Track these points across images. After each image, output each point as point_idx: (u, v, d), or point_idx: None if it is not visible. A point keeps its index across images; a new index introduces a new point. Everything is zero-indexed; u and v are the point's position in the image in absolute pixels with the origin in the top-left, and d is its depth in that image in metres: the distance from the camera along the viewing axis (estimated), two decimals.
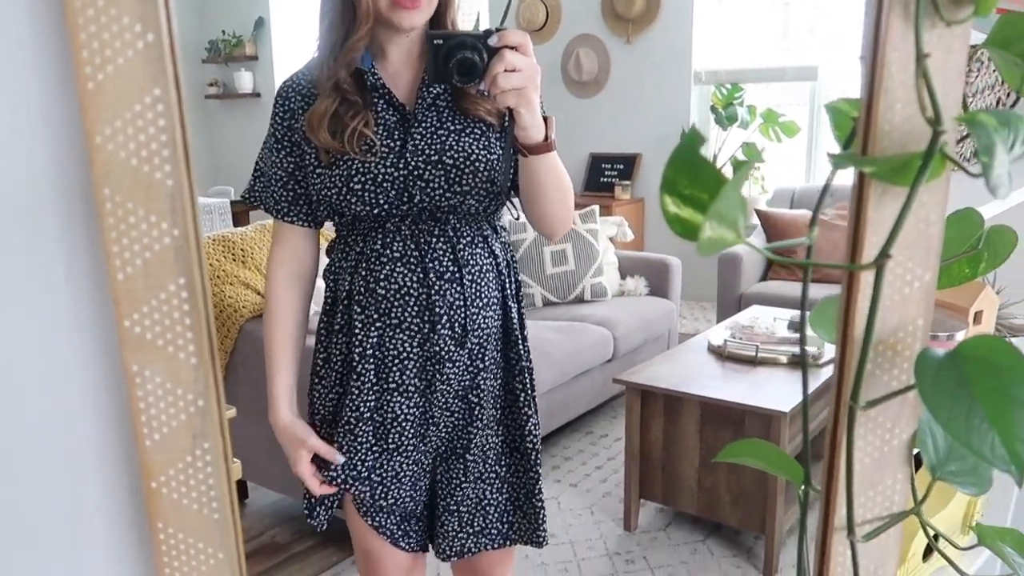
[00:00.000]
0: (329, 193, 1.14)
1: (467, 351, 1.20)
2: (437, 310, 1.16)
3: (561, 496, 2.75)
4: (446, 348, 1.18)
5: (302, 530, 2.54)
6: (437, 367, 1.19)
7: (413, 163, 1.12)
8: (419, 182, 1.13)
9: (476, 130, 1.15)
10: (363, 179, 1.12)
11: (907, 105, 0.50)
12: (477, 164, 1.13)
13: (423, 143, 1.13)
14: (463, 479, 1.26)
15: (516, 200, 1.23)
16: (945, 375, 0.49)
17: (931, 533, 0.62)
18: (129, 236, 0.50)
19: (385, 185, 1.12)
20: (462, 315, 1.17)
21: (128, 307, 0.52)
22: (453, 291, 1.16)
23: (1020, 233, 1.22)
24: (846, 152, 0.54)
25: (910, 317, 0.55)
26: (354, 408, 1.19)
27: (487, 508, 1.29)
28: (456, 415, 1.24)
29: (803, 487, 0.64)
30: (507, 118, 1.11)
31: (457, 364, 1.20)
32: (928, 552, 1.25)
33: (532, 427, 1.28)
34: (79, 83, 0.48)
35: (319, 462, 1.23)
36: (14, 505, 0.55)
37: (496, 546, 1.30)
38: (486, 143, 1.14)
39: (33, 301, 0.53)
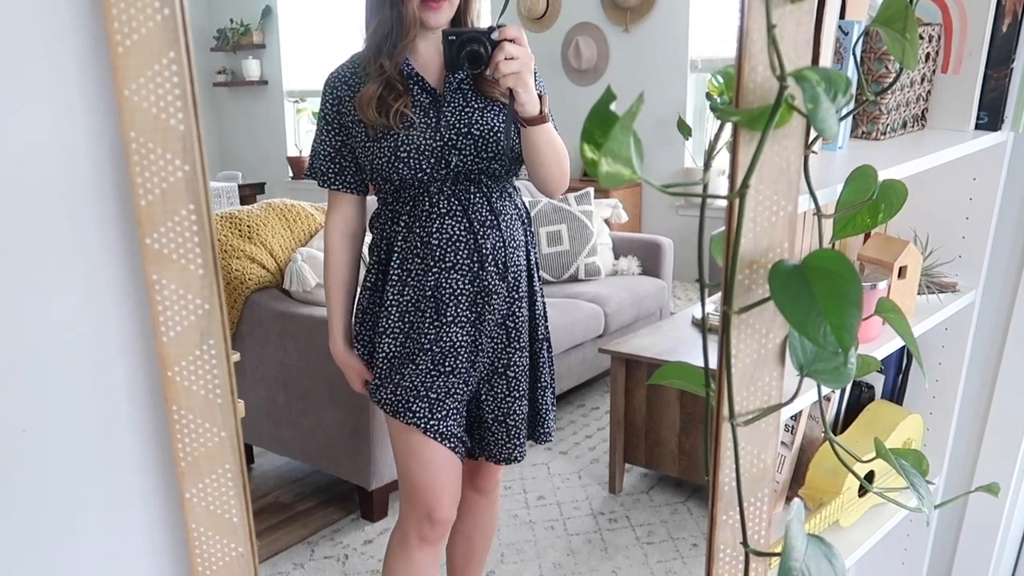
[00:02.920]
0: (380, 163, 1.36)
1: (507, 284, 1.43)
2: (484, 252, 1.39)
3: (551, 462, 2.89)
4: (492, 283, 1.41)
5: (304, 492, 2.69)
6: (485, 299, 1.41)
7: (448, 135, 1.37)
8: (453, 150, 1.37)
9: (495, 107, 1.39)
10: (408, 148, 1.35)
11: (766, 67, 0.63)
12: (498, 134, 1.37)
13: (454, 118, 1.37)
14: (507, 394, 1.50)
15: None
16: (792, 280, 0.62)
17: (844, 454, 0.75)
18: (150, 170, 0.64)
19: (427, 153, 1.35)
20: (503, 255, 1.42)
21: (149, 227, 0.65)
22: (494, 236, 1.40)
23: (959, 201, 1.36)
24: (723, 106, 0.67)
25: (778, 240, 0.68)
26: (416, 341, 1.41)
27: (525, 422, 1.53)
28: (497, 340, 1.47)
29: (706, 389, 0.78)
30: (509, 96, 1.33)
31: (500, 296, 1.43)
32: (864, 490, 1.38)
33: (547, 348, 1.54)
34: (111, 47, 0.61)
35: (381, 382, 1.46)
36: (54, 390, 0.69)
37: (526, 452, 1.56)
38: (502, 118, 1.38)
39: (70, 223, 0.67)
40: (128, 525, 0.75)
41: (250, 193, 4.97)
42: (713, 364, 0.72)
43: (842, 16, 1.12)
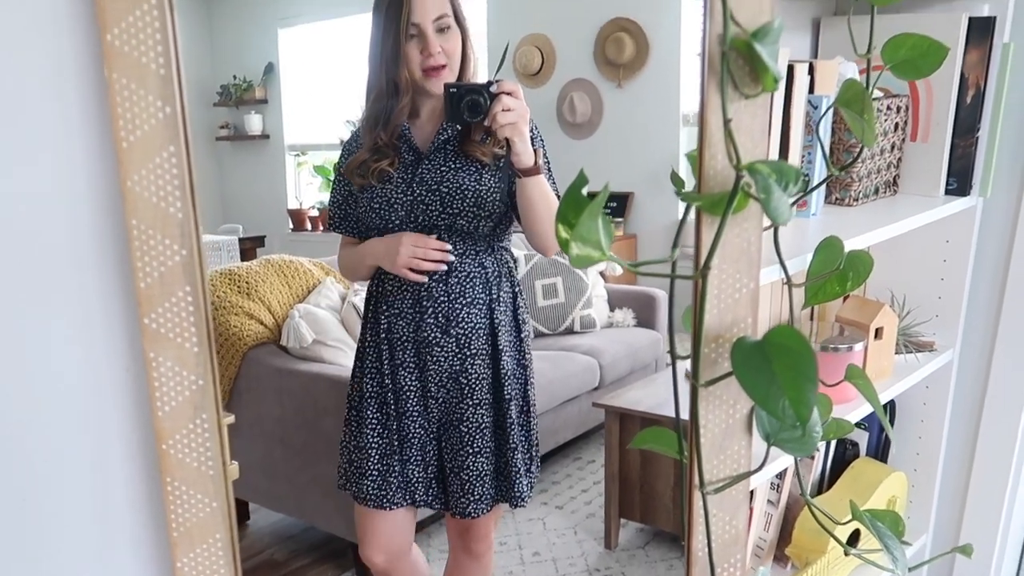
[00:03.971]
0: (361, 212, 1.48)
1: (453, 339, 1.46)
2: (424, 304, 1.45)
3: (547, 517, 2.88)
4: (432, 335, 1.46)
5: (298, 549, 2.68)
6: (427, 350, 1.46)
7: (418, 191, 1.44)
8: (421, 205, 1.44)
9: (471, 167, 1.43)
10: (381, 201, 1.45)
11: (725, 156, 0.68)
12: (466, 192, 1.42)
13: (428, 176, 1.44)
14: (460, 448, 1.50)
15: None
16: (753, 356, 0.66)
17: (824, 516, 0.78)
18: (149, 255, 0.68)
19: (396, 206, 1.44)
20: (445, 308, 1.46)
21: (147, 308, 0.69)
22: (438, 289, 1.45)
23: (933, 263, 1.40)
24: (688, 192, 0.72)
25: (741, 316, 0.72)
26: (372, 381, 1.50)
27: (484, 478, 1.51)
28: (450, 392, 1.49)
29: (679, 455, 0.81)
30: (505, 147, 1.39)
31: (444, 349, 1.46)
32: (854, 539, 1.39)
33: (515, 410, 1.51)
34: (116, 142, 0.66)
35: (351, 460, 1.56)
36: (52, 464, 0.72)
37: (487, 510, 1.54)
38: (477, 177, 1.43)
39: (75, 305, 0.71)
40: None
41: (250, 246, 5.03)
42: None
43: (812, 91, 1.18)
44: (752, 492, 1.33)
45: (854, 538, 1.39)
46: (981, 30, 1.25)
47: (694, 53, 5.01)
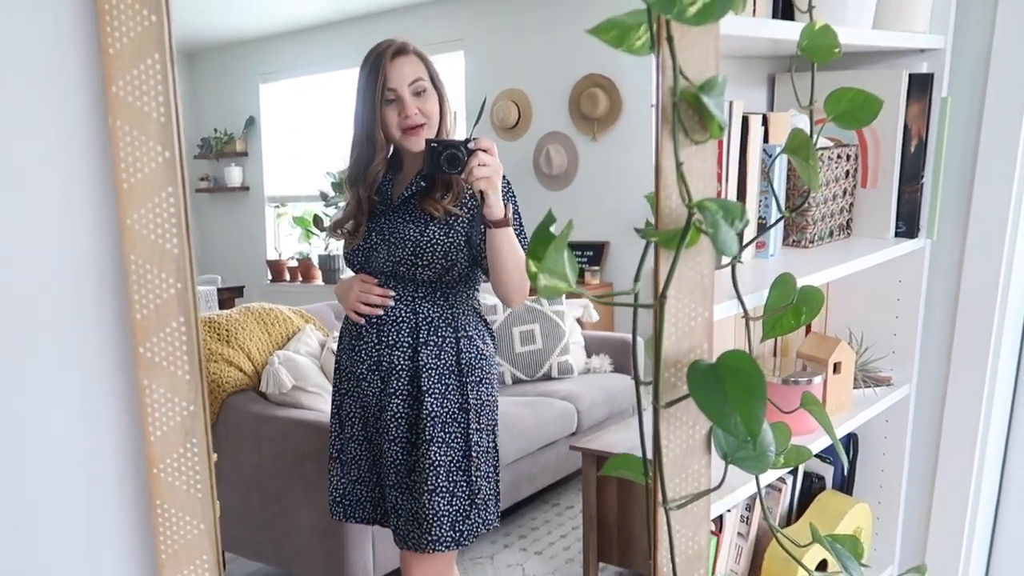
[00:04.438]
0: (343, 254, 1.62)
1: (377, 376, 1.57)
2: (357, 341, 1.59)
3: (526, 563, 2.88)
4: (360, 370, 1.58)
5: None
6: (358, 384, 1.59)
7: (374, 239, 1.55)
8: (373, 252, 1.55)
9: (420, 220, 1.52)
10: (351, 247, 1.58)
11: (678, 196, 0.75)
12: (406, 242, 1.51)
13: (385, 226, 1.54)
14: (382, 480, 1.63)
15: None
16: (707, 378, 0.72)
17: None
18: (146, 287, 0.73)
19: (358, 252, 1.57)
20: (373, 348, 1.57)
21: (143, 337, 0.74)
22: (370, 330, 1.56)
23: (887, 302, 1.47)
24: (647, 228, 0.78)
25: (698, 342, 0.78)
26: (333, 405, 1.70)
27: (399, 512, 1.59)
28: (376, 426, 1.60)
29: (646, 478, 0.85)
30: (480, 198, 1.46)
31: (371, 384, 1.58)
32: (822, 570, 1.43)
33: (438, 452, 1.54)
34: (117, 184, 0.71)
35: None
36: (49, 486, 0.75)
37: (403, 546, 1.59)
38: (421, 229, 1.51)
39: (73, 335, 0.75)
40: None
41: (228, 296, 5.05)
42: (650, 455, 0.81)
43: (767, 140, 1.26)
44: (722, 523, 1.37)
45: (822, 569, 1.43)
46: (921, 85, 1.35)
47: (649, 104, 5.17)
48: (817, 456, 1.56)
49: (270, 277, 7.17)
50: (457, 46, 5.83)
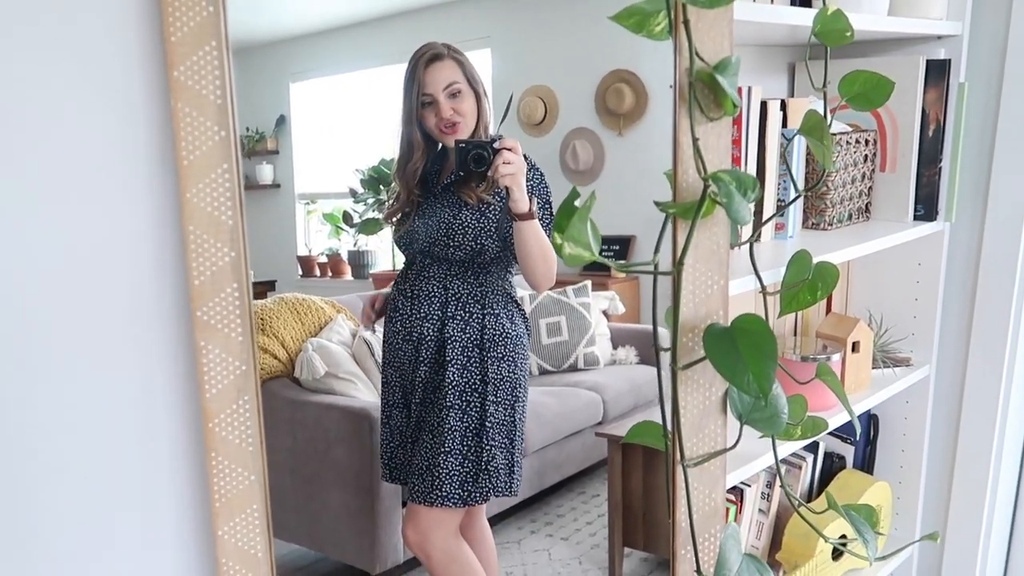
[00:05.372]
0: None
1: (411, 345, 1.71)
2: (393, 313, 1.76)
3: (552, 548, 2.93)
4: (396, 340, 1.75)
5: None
6: (396, 353, 1.76)
7: (415, 224, 1.68)
8: (413, 234, 1.68)
9: (456, 206, 1.64)
10: (399, 232, 1.73)
11: (695, 170, 0.79)
12: (440, 224, 1.64)
13: (425, 212, 1.67)
14: (413, 441, 1.78)
15: None
16: (722, 339, 0.77)
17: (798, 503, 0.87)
18: (203, 256, 0.79)
19: (405, 237, 1.71)
20: (408, 321, 1.71)
21: (199, 302, 0.80)
22: (405, 304, 1.72)
23: (907, 284, 1.50)
24: (664, 201, 0.83)
25: (714, 309, 0.83)
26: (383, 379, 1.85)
27: (422, 471, 1.74)
28: (411, 391, 1.76)
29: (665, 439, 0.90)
30: (504, 196, 1.57)
31: (405, 353, 1.73)
32: (838, 554, 1.47)
33: (457, 416, 1.68)
34: (178, 160, 0.78)
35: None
36: (118, 438, 0.82)
37: (420, 501, 1.74)
38: (455, 213, 1.63)
39: (136, 300, 0.82)
40: (163, 565, 0.87)
41: (261, 290, 5.16)
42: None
43: (785, 125, 1.30)
44: (743, 498, 1.41)
45: (840, 548, 1.46)
46: (938, 71, 1.38)
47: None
48: (837, 436, 1.59)
49: (300, 272, 7.30)
50: (484, 44, 5.88)
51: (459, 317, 1.67)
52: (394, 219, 1.74)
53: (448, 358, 1.67)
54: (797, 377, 1.10)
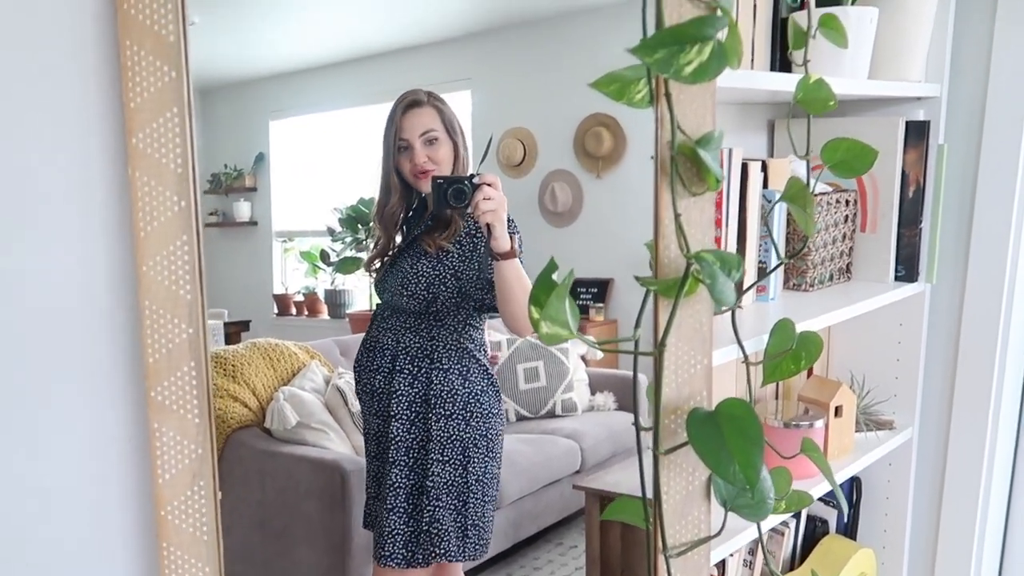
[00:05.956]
0: None
1: (375, 401, 1.68)
2: (365, 367, 1.71)
3: None
4: (361, 394, 1.74)
5: None
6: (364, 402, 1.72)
7: (387, 273, 1.67)
8: (384, 284, 1.67)
9: (415, 255, 1.62)
10: (375, 281, 1.71)
11: (676, 246, 0.76)
12: (397, 274, 1.62)
13: (395, 262, 1.65)
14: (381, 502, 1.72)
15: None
16: (706, 425, 0.73)
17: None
18: (159, 332, 0.75)
19: (378, 287, 1.69)
20: (373, 376, 1.68)
21: (154, 381, 0.75)
22: (367, 357, 1.70)
23: (889, 345, 1.48)
24: (646, 277, 0.80)
25: (697, 389, 0.79)
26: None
27: (396, 536, 1.67)
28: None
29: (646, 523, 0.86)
30: (486, 231, 1.52)
31: (366, 407, 1.72)
32: None
33: (441, 469, 1.63)
34: (135, 232, 0.74)
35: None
36: (56, 527, 0.77)
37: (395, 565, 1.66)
38: (412, 263, 1.61)
39: (86, 378, 0.77)
40: None
41: (235, 330, 5.07)
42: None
43: (766, 186, 1.28)
44: (724, 568, 1.37)
45: None
46: (917, 132, 1.38)
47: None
48: (820, 500, 1.56)
49: (276, 311, 7.20)
50: (464, 85, 5.91)
51: (406, 371, 1.63)
52: (374, 265, 1.71)
53: (392, 412, 1.64)
54: (781, 451, 1.06)
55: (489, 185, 1.48)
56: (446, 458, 1.63)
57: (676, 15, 0.74)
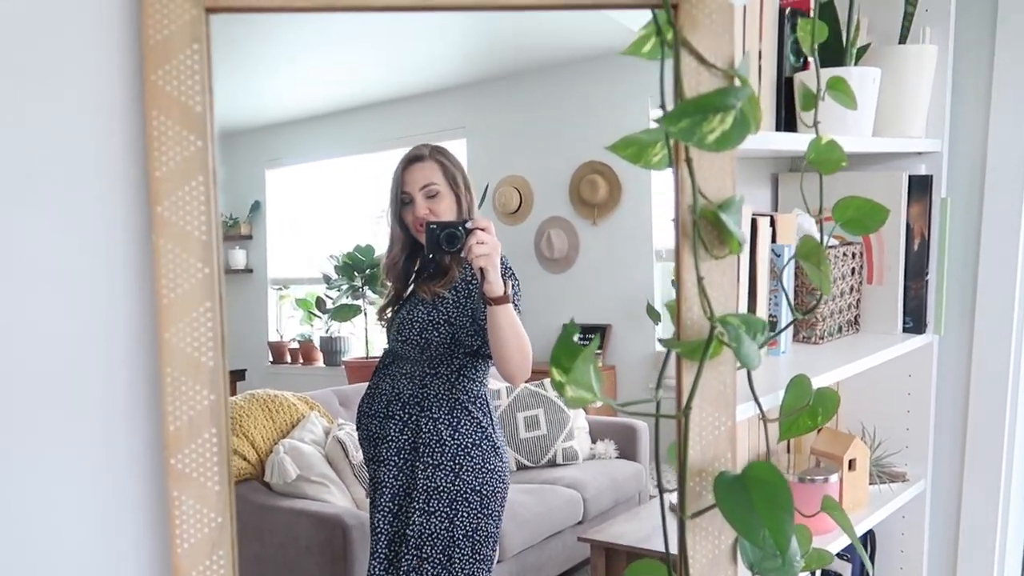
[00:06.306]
0: None
1: (379, 450, 1.67)
2: (368, 416, 1.70)
3: None
4: (363, 441, 1.72)
5: None
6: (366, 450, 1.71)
7: (393, 322, 1.70)
8: (389, 332, 1.71)
9: (412, 303, 1.66)
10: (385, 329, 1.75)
11: (699, 308, 0.77)
12: (395, 321, 1.67)
13: (398, 311, 1.69)
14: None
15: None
16: (734, 489, 0.72)
17: None
18: (180, 399, 0.74)
19: (387, 335, 1.73)
20: (375, 422, 1.69)
21: (174, 449, 0.74)
22: (367, 404, 1.71)
23: (899, 396, 1.48)
24: (669, 339, 0.80)
25: (721, 451, 0.79)
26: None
27: None
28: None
29: None
30: (480, 276, 1.54)
31: (366, 454, 1.70)
32: None
33: (424, 520, 1.61)
34: (158, 299, 0.74)
35: None
36: None
37: None
38: (409, 309, 1.65)
39: (104, 447, 0.76)
40: None
41: (231, 380, 5.04)
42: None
43: (774, 240, 1.30)
44: None
45: None
46: (920, 186, 1.40)
47: (667, 218, 5.30)
48: (837, 555, 1.54)
49: (271, 359, 7.15)
50: (460, 133, 5.98)
51: (397, 417, 1.64)
52: (385, 314, 1.74)
53: (382, 457, 1.64)
54: (799, 506, 1.05)
55: (482, 230, 1.50)
56: (431, 509, 1.61)
57: (695, 83, 0.76)
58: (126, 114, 0.76)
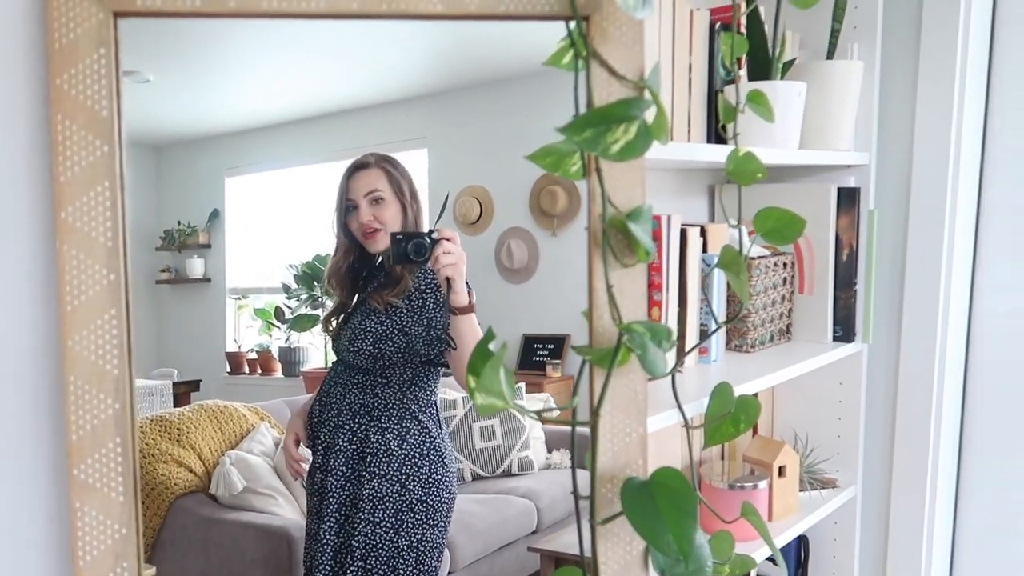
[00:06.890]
0: None
1: (320, 453, 1.67)
2: (316, 421, 1.70)
3: None
4: (313, 445, 1.70)
5: None
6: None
7: (340, 331, 1.69)
8: (337, 341, 1.71)
9: (364, 312, 1.65)
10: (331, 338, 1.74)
11: (609, 316, 0.78)
12: (346, 331, 1.65)
13: (347, 320, 1.68)
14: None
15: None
16: (641, 496, 0.73)
17: None
18: (83, 408, 0.73)
19: (333, 344, 1.73)
20: (322, 428, 1.68)
21: (77, 459, 0.73)
22: (319, 409, 1.69)
23: (830, 404, 1.51)
24: (581, 345, 0.81)
25: (633, 458, 0.79)
26: None
27: None
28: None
29: None
30: (446, 285, 1.55)
31: (314, 459, 1.68)
32: None
33: (372, 530, 1.60)
34: (61, 306, 0.73)
35: None
36: None
37: None
38: (361, 319, 1.64)
39: (11, 455, 0.74)
40: None
41: (185, 391, 4.94)
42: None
43: (705, 250, 1.32)
44: None
45: None
46: (849, 199, 1.43)
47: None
48: (769, 559, 1.56)
49: (229, 369, 7.03)
50: (420, 144, 5.97)
51: (347, 427, 1.64)
52: (331, 323, 1.74)
53: (330, 467, 1.63)
54: (726, 514, 1.07)
55: (448, 240, 1.52)
56: (376, 519, 1.61)
57: (606, 94, 0.77)
58: (31, 118, 0.74)
